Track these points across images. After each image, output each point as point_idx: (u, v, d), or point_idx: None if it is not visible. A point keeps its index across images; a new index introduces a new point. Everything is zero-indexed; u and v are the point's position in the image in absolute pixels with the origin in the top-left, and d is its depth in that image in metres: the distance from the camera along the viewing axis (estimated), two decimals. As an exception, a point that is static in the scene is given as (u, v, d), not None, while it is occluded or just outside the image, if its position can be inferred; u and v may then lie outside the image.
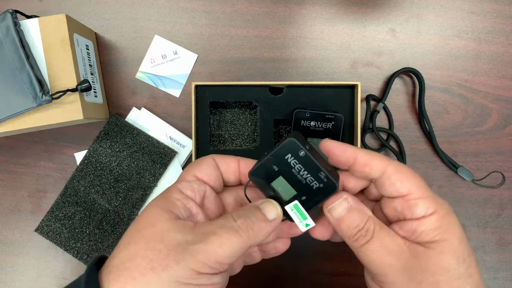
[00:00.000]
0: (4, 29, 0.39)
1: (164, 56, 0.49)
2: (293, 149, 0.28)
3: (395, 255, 0.27)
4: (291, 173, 0.29)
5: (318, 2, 0.49)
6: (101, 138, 0.48)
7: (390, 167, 0.27)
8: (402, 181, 0.27)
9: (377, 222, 0.28)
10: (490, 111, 0.49)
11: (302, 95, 0.45)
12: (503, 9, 0.49)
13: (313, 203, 0.29)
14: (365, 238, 0.27)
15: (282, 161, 0.28)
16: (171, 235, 0.24)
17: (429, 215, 0.26)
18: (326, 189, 0.28)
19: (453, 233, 0.26)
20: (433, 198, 0.27)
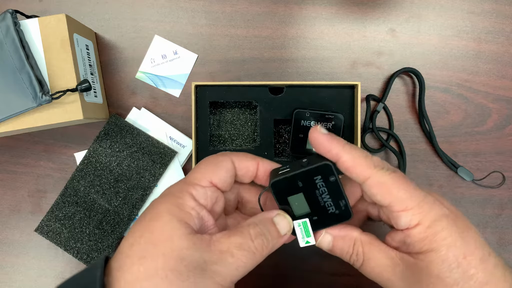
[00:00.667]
0: (4, 29, 0.39)
1: (164, 56, 0.49)
2: (326, 172, 0.28)
3: (390, 270, 0.27)
4: (313, 193, 0.29)
5: (318, 2, 0.49)
6: (101, 138, 0.48)
7: (372, 179, 0.27)
8: (382, 194, 0.27)
9: (365, 241, 0.29)
10: (490, 111, 0.49)
11: (302, 95, 0.45)
12: (503, 9, 0.49)
13: (322, 225, 0.30)
14: (358, 261, 0.29)
15: (310, 180, 0.29)
16: (191, 254, 0.24)
17: (413, 227, 0.26)
18: (340, 216, 0.29)
19: (440, 241, 0.25)
20: (418, 208, 0.26)
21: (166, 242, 0.24)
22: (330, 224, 0.30)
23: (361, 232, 0.29)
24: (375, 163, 0.27)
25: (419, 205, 0.26)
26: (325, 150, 0.28)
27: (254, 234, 0.26)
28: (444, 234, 0.25)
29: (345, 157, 0.27)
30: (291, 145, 0.45)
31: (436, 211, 0.26)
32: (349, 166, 0.27)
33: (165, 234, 0.24)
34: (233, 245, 0.25)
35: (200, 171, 0.28)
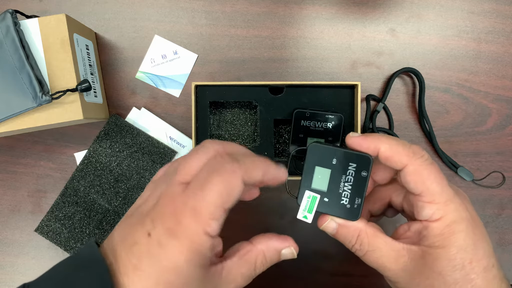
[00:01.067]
0: (4, 29, 0.39)
1: (164, 56, 0.49)
2: (363, 164, 0.29)
3: (393, 260, 0.29)
4: (339, 177, 0.29)
5: (318, 2, 0.49)
6: (101, 138, 0.48)
7: (409, 167, 0.28)
8: (416, 183, 0.28)
9: (370, 233, 0.29)
10: (490, 111, 0.49)
11: (302, 95, 0.45)
12: (503, 9, 0.49)
13: (328, 210, 0.30)
14: (360, 251, 0.30)
15: (346, 163, 0.29)
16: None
17: (433, 221, 0.27)
18: (348, 211, 0.29)
19: (454, 241, 0.27)
20: (444, 205, 0.27)
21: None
22: (335, 214, 0.30)
23: (366, 223, 0.30)
24: (414, 150, 0.28)
25: (446, 202, 0.27)
26: (364, 149, 0.29)
27: (259, 265, 0.28)
28: (459, 237, 0.27)
29: (384, 147, 0.28)
30: (291, 145, 0.45)
31: (459, 213, 0.27)
32: (388, 155, 0.28)
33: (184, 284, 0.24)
34: (239, 276, 0.27)
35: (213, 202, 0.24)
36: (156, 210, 0.25)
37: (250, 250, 0.28)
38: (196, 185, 0.25)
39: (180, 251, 0.23)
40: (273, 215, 0.49)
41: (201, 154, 0.27)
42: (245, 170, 0.26)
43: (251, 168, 0.26)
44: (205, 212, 0.24)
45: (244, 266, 0.27)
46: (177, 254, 0.23)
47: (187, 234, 0.24)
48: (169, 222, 0.24)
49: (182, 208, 0.24)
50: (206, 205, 0.24)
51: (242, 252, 0.28)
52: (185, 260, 0.24)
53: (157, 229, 0.24)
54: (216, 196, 0.24)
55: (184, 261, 0.24)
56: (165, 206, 0.25)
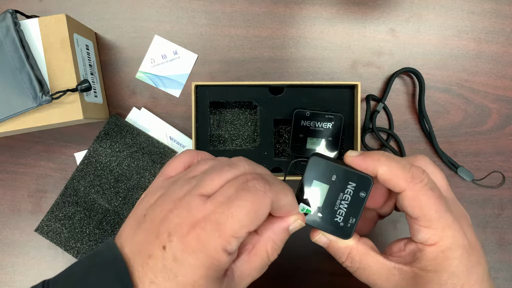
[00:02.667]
0: (4, 29, 0.39)
1: (164, 56, 0.49)
2: (363, 185, 0.28)
3: (384, 279, 0.29)
4: (336, 194, 0.29)
5: (318, 2, 0.49)
6: (101, 138, 0.48)
7: (407, 193, 0.27)
8: (413, 208, 0.27)
9: (362, 250, 0.29)
10: (490, 111, 0.49)
11: (302, 95, 0.45)
12: (503, 9, 0.49)
13: (320, 226, 0.30)
14: (352, 268, 0.30)
15: (345, 181, 0.29)
16: None
17: (428, 245, 0.27)
18: (341, 230, 0.29)
19: (446, 267, 0.27)
20: (441, 231, 0.27)
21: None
22: (326, 230, 0.30)
23: (358, 240, 0.30)
24: (413, 174, 0.27)
25: (443, 228, 0.27)
26: (363, 169, 0.29)
27: (271, 252, 0.27)
28: (453, 263, 0.27)
29: (382, 169, 0.28)
30: (291, 145, 0.45)
31: (455, 240, 0.27)
32: (386, 178, 0.28)
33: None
34: (254, 271, 0.27)
35: (240, 221, 0.23)
36: (172, 221, 0.24)
37: (257, 242, 0.27)
38: (222, 200, 0.24)
39: (197, 267, 0.23)
40: (273, 215, 0.49)
41: (232, 170, 0.26)
42: (275, 192, 0.25)
43: (282, 191, 0.26)
44: (229, 229, 0.23)
45: (256, 260, 0.27)
46: (194, 270, 0.23)
47: (205, 249, 0.23)
48: (187, 236, 0.23)
49: (202, 221, 0.23)
50: (232, 222, 0.23)
51: (249, 247, 0.27)
52: (201, 276, 0.23)
53: (173, 243, 0.23)
54: (244, 214, 0.23)
55: (202, 276, 0.23)
56: (183, 218, 0.24)
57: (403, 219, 0.49)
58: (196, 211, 0.24)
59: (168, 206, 0.25)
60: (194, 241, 0.23)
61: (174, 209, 0.25)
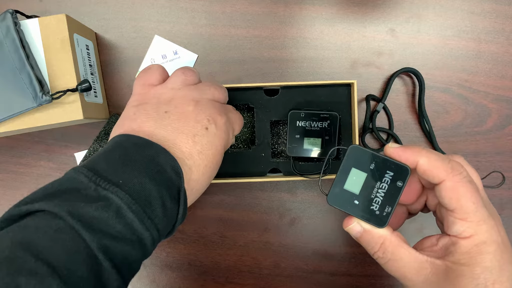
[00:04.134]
0: (4, 29, 0.39)
1: (164, 56, 0.49)
2: (400, 175, 0.29)
3: (415, 272, 0.29)
4: (374, 182, 0.29)
5: (318, 2, 0.49)
6: (101, 138, 0.48)
7: (446, 183, 0.28)
8: (451, 199, 0.28)
9: (395, 243, 0.29)
10: (490, 111, 0.49)
11: (298, 95, 0.45)
12: (503, 9, 0.49)
13: (356, 213, 0.30)
14: (382, 259, 0.30)
15: (383, 170, 0.29)
16: None
17: (462, 238, 0.27)
18: (376, 218, 0.29)
19: (480, 261, 0.27)
20: (477, 224, 0.27)
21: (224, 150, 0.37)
22: (362, 218, 0.30)
23: (392, 232, 0.30)
24: (453, 166, 0.28)
25: (479, 222, 0.27)
26: (403, 160, 0.29)
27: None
28: (487, 258, 0.27)
29: (422, 160, 0.28)
30: (288, 146, 0.45)
31: (491, 235, 0.27)
32: (426, 169, 0.28)
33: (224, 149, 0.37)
34: None
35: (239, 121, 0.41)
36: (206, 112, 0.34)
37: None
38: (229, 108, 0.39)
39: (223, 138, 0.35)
40: (273, 215, 0.49)
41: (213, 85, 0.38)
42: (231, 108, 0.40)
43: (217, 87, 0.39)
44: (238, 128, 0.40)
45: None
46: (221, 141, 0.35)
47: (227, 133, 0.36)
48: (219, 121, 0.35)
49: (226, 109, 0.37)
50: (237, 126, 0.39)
51: None
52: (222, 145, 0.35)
53: (212, 125, 0.34)
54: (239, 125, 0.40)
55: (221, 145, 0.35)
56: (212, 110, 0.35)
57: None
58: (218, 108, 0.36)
59: (192, 103, 0.34)
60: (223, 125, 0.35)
61: (200, 105, 0.35)
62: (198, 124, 0.33)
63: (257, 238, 0.50)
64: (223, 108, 0.37)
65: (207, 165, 0.33)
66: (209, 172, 0.34)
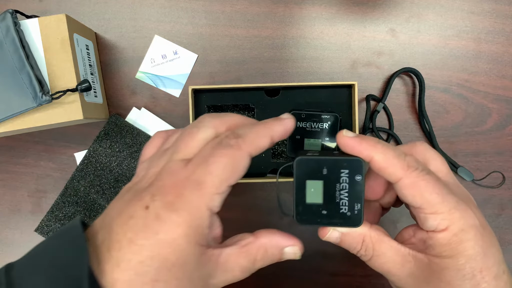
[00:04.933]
0: (4, 29, 0.39)
1: (164, 56, 0.49)
2: (355, 169, 0.27)
3: (399, 266, 0.28)
4: (333, 186, 0.28)
5: (318, 2, 0.49)
6: (101, 138, 0.48)
7: (404, 181, 0.26)
8: (414, 196, 0.26)
9: (375, 238, 0.28)
10: (490, 111, 0.49)
11: (299, 96, 0.45)
12: (503, 9, 0.49)
13: (328, 222, 0.29)
14: (366, 256, 0.29)
15: (336, 171, 0.28)
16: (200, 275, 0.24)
17: (439, 231, 0.26)
18: (349, 219, 0.28)
19: (462, 251, 0.25)
20: (449, 214, 0.26)
21: (180, 267, 0.23)
22: (336, 224, 0.29)
23: (370, 227, 0.29)
24: (409, 163, 0.26)
25: (450, 211, 0.26)
26: (356, 153, 0.27)
27: (259, 259, 0.27)
28: (468, 245, 0.26)
29: (377, 157, 0.26)
30: (288, 147, 0.45)
31: (466, 220, 0.26)
32: (381, 167, 0.27)
33: (180, 261, 0.23)
34: (238, 267, 0.26)
35: (218, 175, 0.24)
36: (156, 185, 0.24)
37: (251, 242, 0.27)
38: (200, 160, 0.25)
39: (178, 224, 0.23)
40: (273, 215, 0.49)
41: (202, 131, 0.26)
42: (250, 143, 0.25)
43: (256, 139, 0.26)
44: (210, 185, 0.24)
45: (244, 257, 0.26)
46: (175, 227, 0.23)
47: (188, 207, 0.23)
48: (170, 195, 0.23)
49: (185, 181, 0.24)
50: (211, 178, 0.24)
51: (243, 243, 0.27)
52: (182, 235, 0.23)
53: (156, 202, 0.23)
54: (222, 169, 0.24)
55: (181, 235, 0.23)
56: (165, 180, 0.24)
57: (403, 219, 0.49)
58: (178, 173, 0.24)
59: (151, 177, 0.25)
60: (177, 200, 0.23)
61: (159, 176, 0.25)
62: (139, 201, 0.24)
63: (257, 238, 0.49)
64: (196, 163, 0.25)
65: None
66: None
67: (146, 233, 0.23)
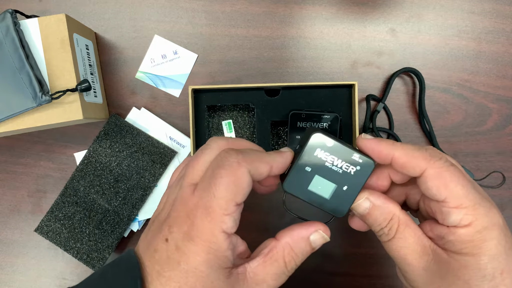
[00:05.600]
0: (3, 29, 0.39)
1: (164, 56, 0.49)
2: (321, 142, 0.27)
3: (417, 256, 0.27)
4: (325, 168, 0.27)
5: (318, 2, 0.49)
6: (101, 138, 0.48)
7: (429, 171, 0.25)
8: (438, 188, 0.25)
9: (402, 220, 0.27)
10: (490, 111, 0.49)
11: (299, 96, 0.45)
12: (503, 9, 0.48)
13: (356, 188, 0.28)
14: (387, 236, 0.28)
15: (313, 158, 0.27)
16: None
17: (462, 227, 0.25)
18: (364, 169, 0.27)
19: (486, 249, 0.24)
20: (473, 209, 0.25)
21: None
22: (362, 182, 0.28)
23: (401, 209, 0.28)
24: (431, 153, 0.26)
25: (475, 206, 0.25)
26: (376, 154, 0.27)
27: (289, 260, 0.27)
28: (492, 244, 0.24)
29: (398, 153, 0.26)
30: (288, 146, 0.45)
31: (491, 218, 0.25)
32: (404, 161, 0.26)
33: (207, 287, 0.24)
34: (269, 276, 0.26)
35: (223, 197, 0.24)
36: (172, 216, 0.26)
37: (274, 247, 0.27)
38: (204, 184, 0.25)
39: (197, 253, 0.24)
40: (273, 215, 0.49)
41: (206, 153, 0.27)
42: (250, 162, 0.25)
43: (257, 160, 0.26)
44: (217, 208, 0.24)
45: (271, 264, 0.26)
46: (194, 256, 0.24)
47: (202, 235, 0.24)
48: (184, 225, 0.24)
49: (194, 209, 0.25)
50: (217, 202, 0.24)
51: (266, 251, 0.27)
52: (202, 262, 0.24)
53: (174, 234, 0.25)
54: (224, 190, 0.24)
55: (202, 262, 0.24)
56: (179, 211, 0.25)
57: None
58: (188, 201, 0.25)
59: (169, 207, 0.27)
60: (191, 229, 0.24)
61: (173, 206, 0.26)
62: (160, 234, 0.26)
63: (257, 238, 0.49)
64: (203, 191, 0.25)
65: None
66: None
67: (170, 264, 0.24)
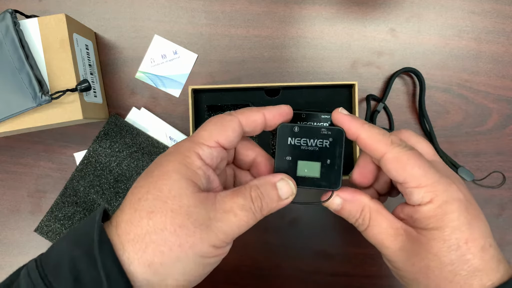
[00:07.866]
0: (3, 29, 0.39)
1: (164, 56, 0.49)
2: (288, 131, 0.30)
3: (392, 239, 0.29)
4: (303, 151, 0.30)
5: (318, 2, 0.49)
6: (100, 138, 0.48)
7: (387, 156, 0.28)
8: (397, 170, 0.28)
9: (373, 209, 0.30)
10: (490, 111, 0.49)
11: (299, 96, 0.45)
12: (503, 9, 0.48)
13: (338, 158, 0.30)
14: (362, 226, 0.30)
15: (288, 147, 0.30)
16: (197, 211, 0.25)
17: (424, 204, 0.27)
18: (336, 137, 0.30)
19: (447, 221, 0.26)
20: (432, 186, 0.27)
21: (174, 199, 0.25)
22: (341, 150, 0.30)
23: (370, 199, 0.30)
24: (392, 140, 0.28)
25: (434, 184, 0.27)
26: (346, 130, 0.30)
27: (255, 196, 0.28)
28: (453, 217, 0.26)
29: (363, 135, 0.29)
30: None
31: (450, 193, 0.27)
32: (367, 143, 0.28)
33: (173, 192, 0.26)
34: (236, 206, 0.27)
35: (207, 130, 0.28)
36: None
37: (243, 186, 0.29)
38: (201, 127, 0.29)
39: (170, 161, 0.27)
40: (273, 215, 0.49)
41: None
42: (241, 112, 0.29)
43: (249, 111, 0.29)
44: (200, 136, 0.28)
45: (239, 196, 0.27)
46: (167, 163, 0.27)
47: (179, 150, 0.28)
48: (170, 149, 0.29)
49: (184, 140, 0.29)
50: (202, 132, 0.28)
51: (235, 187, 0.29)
52: (174, 169, 0.26)
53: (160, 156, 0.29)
54: (212, 125, 0.28)
55: (173, 169, 0.26)
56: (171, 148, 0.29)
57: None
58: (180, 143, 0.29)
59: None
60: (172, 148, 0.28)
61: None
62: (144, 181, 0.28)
63: (257, 238, 0.49)
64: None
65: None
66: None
67: (144, 176, 0.27)
